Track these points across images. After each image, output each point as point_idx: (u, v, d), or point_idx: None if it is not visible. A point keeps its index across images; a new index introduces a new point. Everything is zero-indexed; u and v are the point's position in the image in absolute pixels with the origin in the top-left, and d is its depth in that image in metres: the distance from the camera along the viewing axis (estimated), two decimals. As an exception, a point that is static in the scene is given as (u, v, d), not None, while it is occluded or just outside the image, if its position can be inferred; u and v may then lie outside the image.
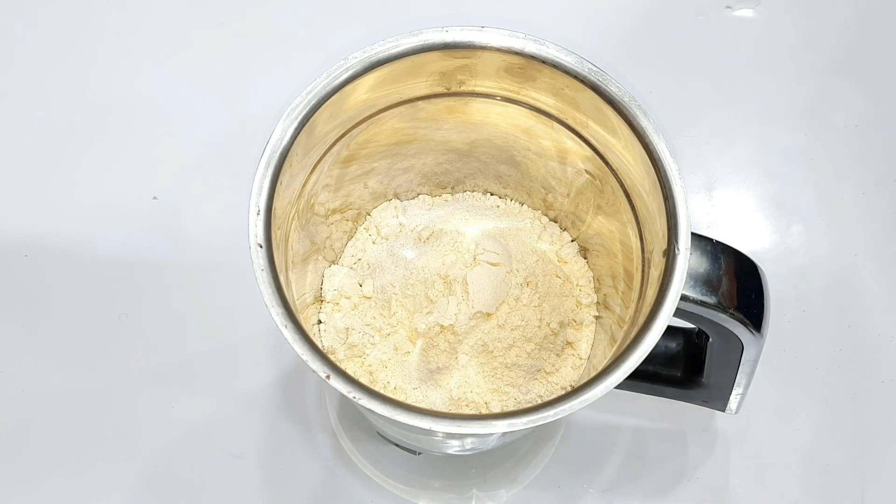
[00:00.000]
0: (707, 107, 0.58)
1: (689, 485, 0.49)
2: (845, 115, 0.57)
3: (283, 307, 0.34)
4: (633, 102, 0.37)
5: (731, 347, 0.38)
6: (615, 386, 0.33)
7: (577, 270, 0.46)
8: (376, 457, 0.49)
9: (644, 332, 0.34)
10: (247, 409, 0.49)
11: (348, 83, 0.37)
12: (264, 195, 0.35)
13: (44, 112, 0.56)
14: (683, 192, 0.36)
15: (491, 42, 0.38)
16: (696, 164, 0.56)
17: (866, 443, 0.50)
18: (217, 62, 0.58)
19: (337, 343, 0.43)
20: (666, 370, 0.44)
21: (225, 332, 0.51)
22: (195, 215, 0.54)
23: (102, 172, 0.55)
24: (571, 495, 0.49)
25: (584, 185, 0.43)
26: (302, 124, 0.37)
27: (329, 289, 0.44)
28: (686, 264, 0.35)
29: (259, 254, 0.34)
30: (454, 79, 0.40)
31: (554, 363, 0.44)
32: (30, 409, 0.49)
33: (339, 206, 0.44)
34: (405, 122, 0.42)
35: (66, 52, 0.58)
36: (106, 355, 0.50)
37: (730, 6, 0.60)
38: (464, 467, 0.49)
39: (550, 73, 0.38)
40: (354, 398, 0.32)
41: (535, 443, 0.50)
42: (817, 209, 0.55)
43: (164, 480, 0.48)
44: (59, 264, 0.52)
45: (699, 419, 0.50)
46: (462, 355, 0.43)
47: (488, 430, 0.33)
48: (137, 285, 0.52)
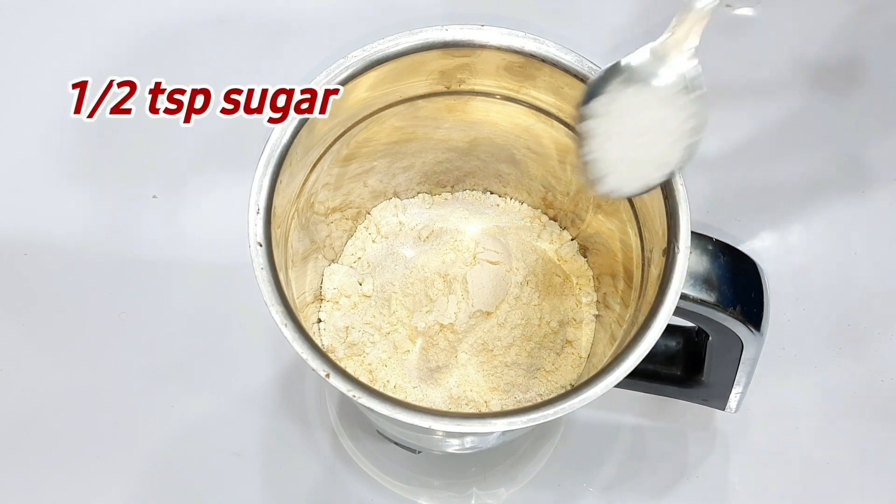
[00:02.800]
0: (707, 106, 0.58)
1: (689, 484, 0.49)
2: (844, 114, 0.57)
3: (282, 306, 0.34)
4: (633, 101, 0.37)
5: (731, 346, 0.38)
6: (615, 384, 0.33)
7: (577, 269, 0.46)
8: (376, 455, 0.49)
9: (644, 330, 0.34)
10: (246, 408, 0.49)
11: (348, 81, 0.37)
12: (264, 194, 0.35)
13: (44, 112, 0.56)
14: (683, 191, 0.36)
15: (491, 41, 0.38)
16: (696, 163, 0.56)
17: (866, 442, 0.50)
18: (217, 61, 0.58)
19: (337, 342, 0.43)
20: (666, 369, 0.44)
21: (225, 332, 0.51)
22: (195, 215, 0.54)
23: (103, 171, 0.55)
24: (571, 494, 0.49)
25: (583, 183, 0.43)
26: (302, 123, 0.37)
27: (329, 287, 0.44)
28: (686, 263, 0.35)
29: (259, 252, 0.34)
30: (454, 77, 0.40)
31: (554, 362, 0.44)
32: (30, 409, 0.49)
33: (339, 204, 0.44)
34: (405, 121, 0.42)
35: (66, 51, 0.58)
36: (106, 354, 0.50)
37: (730, 6, 0.60)
38: (463, 466, 0.49)
39: (550, 71, 0.38)
40: (354, 397, 0.32)
41: (534, 441, 0.50)
42: (817, 209, 0.55)
43: (164, 479, 0.48)
44: (59, 264, 0.52)
45: (699, 418, 0.50)
46: (462, 354, 0.43)
47: (488, 429, 0.33)
48: (137, 285, 0.52)
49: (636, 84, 0.35)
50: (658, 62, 0.35)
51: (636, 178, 0.35)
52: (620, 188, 0.35)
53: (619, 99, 0.35)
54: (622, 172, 0.35)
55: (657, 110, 0.35)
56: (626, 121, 0.35)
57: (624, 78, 0.35)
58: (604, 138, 0.35)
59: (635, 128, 0.35)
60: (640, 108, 0.35)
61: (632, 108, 0.35)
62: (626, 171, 0.35)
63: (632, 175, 0.35)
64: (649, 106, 0.35)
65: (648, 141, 0.35)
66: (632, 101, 0.35)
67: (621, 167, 0.35)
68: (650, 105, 0.35)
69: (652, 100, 0.35)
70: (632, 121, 0.35)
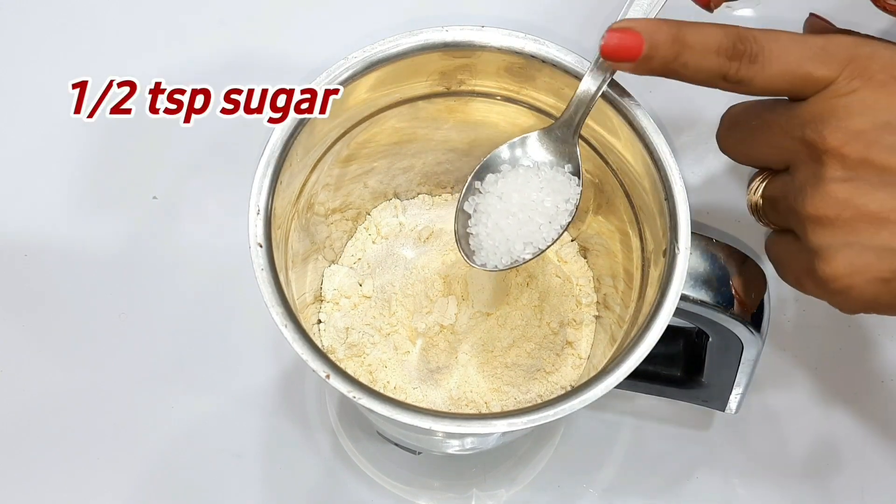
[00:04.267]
0: (707, 107, 0.58)
1: (689, 485, 0.49)
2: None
3: (282, 307, 0.34)
4: (633, 102, 0.37)
5: (731, 347, 0.38)
6: (615, 385, 0.33)
7: (577, 270, 0.46)
8: (376, 456, 0.49)
9: (644, 331, 0.34)
10: (247, 409, 0.49)
11: (349, 82, 0.37)
12: (264, 195, 0.35)
13: (44, 112, 0.56)
14: (683, 191, 0.36)
15: (491, 42, 0.38)
16: (696, 163, 0.56)
17: (866, 443, 0.50)
18: (216, 61, 0.58)
19: (337, 342, 0.43)
20: (666, 370, 0.44)
21: (225, 332, 0.51)
22: (195, 215, 0.53)
23: (102, 172, 0.55)
24: (571, 495, 0.49)
25: (584, 184, 0.43)
26: (302, 123, 0.37)
27: (329, 288, 0.44)
28: (686, 264, 0.35)
29: (259, 253, 0.34)
30: (454, 78, 0.40)
31: (554, 363, 0.44)
32: (30, 409, 0.49)
33: (339, 205, 0.44)
34: (405, 122, 0.42)
35: (66, 51, 0.58)
36: (106, 354, 0.50)
37: (730, 6, 0.60)
38: (464, 467, 0.49)
39: (550, 72, 0.38)
40: (354, 398, 0.32)
41: (534, 442, 0.49)
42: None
43: (164, 480, 0.48)
44: (59, 264, 0.52)
45: (699, 419, 0.50)
46: (462, 355, 0.43)
47: (488, 430, 0.33)
48: (137, 285, 0.52)
49: (522, 165, 0.38)
50: (543, 145, 0.38)
51: (506, 253, 0.37)
52: (492, 262, 0.37)
53: (505, 178, 0.38)
54: (495, 248, 0.37)
55: (536, 191, 0.37)
56: (507, 199, 0.37)
57: (511, 158, 0.38)
58: (484, 215, 0.37)
59: (513, 206, 0.37)
60: (522, 188, 0.37)
61: (515, 187, 0.37)
62: (498, 247, 0.37)
63: (503, 251, 0.37)
64: (530, 186, 0.37)
65: (523, 220, 0.37)
66: (516, 181, 0.37)
67: (494, 243, 0.37)
68: (531, 186, 0.37)
69: (534, 181, 0.37)
70: (512, 200, 0.37)
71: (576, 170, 0.37)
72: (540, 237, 0.37)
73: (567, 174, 0.37)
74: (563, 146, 0.37)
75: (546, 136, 0.38)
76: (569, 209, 0.37)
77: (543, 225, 0.37)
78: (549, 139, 0.38)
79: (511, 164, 0.38)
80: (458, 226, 0.38)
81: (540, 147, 0.38)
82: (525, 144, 0.38)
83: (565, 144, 0.37)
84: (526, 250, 0.37)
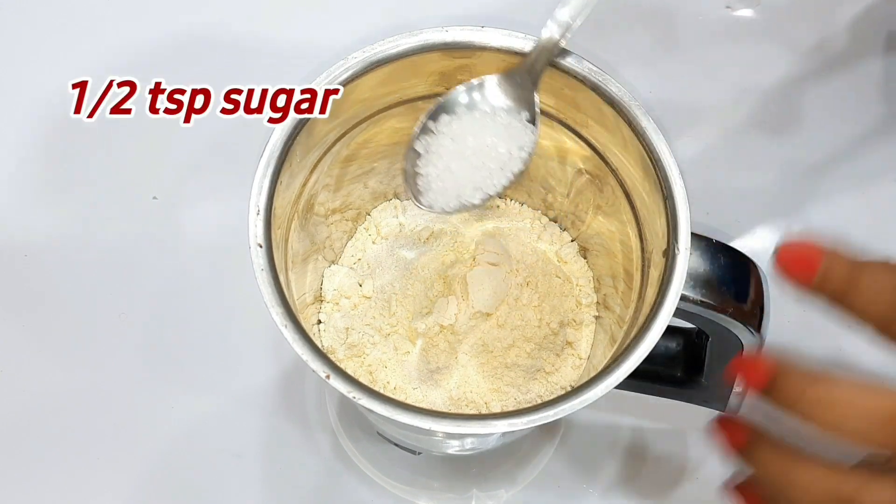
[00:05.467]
0: (707, 107, 0.58)
1: (689, 485, 0.49)
2: (844, 115, 0.57)
3: (282, 307, 0.34)
4: (633, 102, 0.37)
5: (731, 347, 0.38)
6: (615, 386, 0.33)
7: (577, 270, 0.46)
8: (376, 456, 0.49)
9: (644, 332, 0.34)
10: (247, 409, 0.49)
11: (349, 82, 0.37)
12: (264, 195, 0.35)
13: (44, 112, 0.56)
14: (683, 192, 0.36)
15: (491, 42, 0.38)
16: (696, 163, 0.56)
17: (866, 443, 0.50)
18: (216, 61, 0.58)
19: (337, 343, 0.43)
20: (666, 370, 0.44)
21: (225, 332, 0.51)
22: (195, 215, 0.53)
23: (102, 172, 0.55)
24: (571, 495, 0.49)
25: (583, 184, 0.43)
26: (302, 123, 0.37)
27: (329, 289, 0.44)
28: (686, 264, 0.35)
29: (259, 254, 0.34)
30: (454, 79, 0.40)
31: (554, 363, 0.44)
32: (30, 409, 0.49)
33: (339, 205, 0.44)
34: (405, 122, 0.42)
35: (66, 51, 0.58)
36: (106, 354, 0.50)
37: (730, 6, 0.60)
38: (463, 467, 0.49)
39: (550, 72, 0.38)
40: (354, 398, 0.32)
41: (535, 442, 0.49)
42: (817, 209, 0.55)
43: (164, 480, 0.48)
44: (59, 264, 0.52)
45: (699, 419, 0.50)
46: (462, 355, 0.43)
47: (488, 430, 0.33)
48: (137, 285, 0.52)
49: (479, 109, 0.37)
50: (502, 90, 0.37)
51: (455, 197, 0.37)
52: (439, 205, 0.37)
53: (460, 120, 0.37)
54: (444, 190, 0.37)
55: (491, 136, 0.37)
56: (461, 142, 0.37)
57: (469, 102, 0.37)
58: (436, 156, 0.37)
59: (467, 149, 0.37)
60: (476, 132, 0.37)
61: (470, 130, 0.37)
62: (447, 189, 0.37)
63: (452, 194, 0.37)
64: (485, 131, 0.37)
65: (476, 164, 0.37)
66: (472, 124, 0.37)
67: (444, 185, 0.37)
68: (486, 130, 0.37)
69: (490, 125, 0.37)
70: (465, 143, 0.37)
71: (532, 118, 0.37)
72: (490, 183, 0.37)
73: (524, 121, 0.37)
74: (521, 92, 0.37)
75: (506, 80, 0.37)
76: (522, 157, 0.37)
77: (495, 171, 0.37)
78: (508, 84, 0.37)
79: (468, 107, 0.37)
80: (408, 164, 0.37)
81: (499, 91, 0.37)
82: (483, 88, 0.37)
83: (524, 90, 0.37)
84: (475, 195, 0.37)
